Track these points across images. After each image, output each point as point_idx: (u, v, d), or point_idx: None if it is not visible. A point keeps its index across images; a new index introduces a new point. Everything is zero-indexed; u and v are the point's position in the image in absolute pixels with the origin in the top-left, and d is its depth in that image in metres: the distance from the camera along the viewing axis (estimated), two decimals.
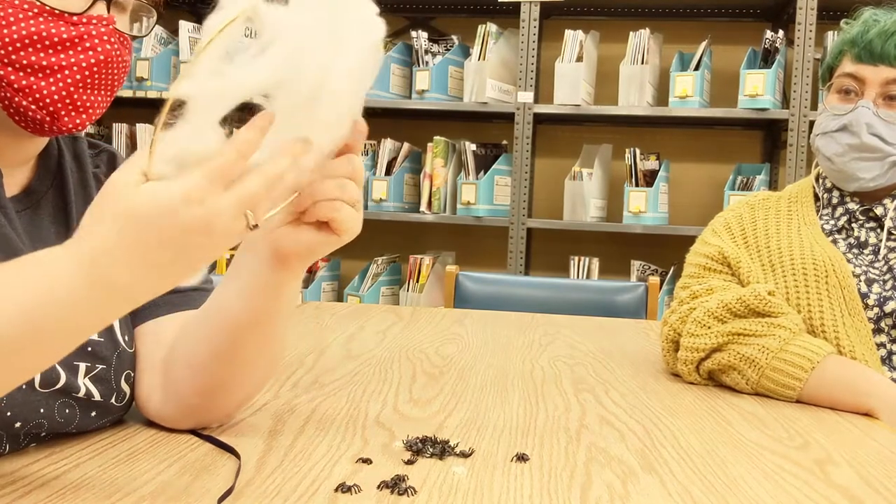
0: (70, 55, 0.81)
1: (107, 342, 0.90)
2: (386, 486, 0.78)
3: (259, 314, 0.88)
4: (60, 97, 0.81)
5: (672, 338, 1.39)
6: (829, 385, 1.24)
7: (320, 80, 0.69)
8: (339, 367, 1.36)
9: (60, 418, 0.86)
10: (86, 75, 0.82)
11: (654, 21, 3.55)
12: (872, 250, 1.39)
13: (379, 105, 3.48)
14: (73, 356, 0.86)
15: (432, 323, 1.94)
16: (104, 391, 0.89)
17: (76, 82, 0.82)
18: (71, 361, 0.86)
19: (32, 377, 0.82)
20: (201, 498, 0.74)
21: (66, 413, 0.86)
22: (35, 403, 0.83)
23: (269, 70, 0.67)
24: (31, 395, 0.82)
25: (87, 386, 0.87)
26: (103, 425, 0.92)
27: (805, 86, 3.17)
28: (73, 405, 0.87)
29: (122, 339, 0.92)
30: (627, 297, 2.42)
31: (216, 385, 0.92)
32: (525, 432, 1.01)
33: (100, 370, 0.89)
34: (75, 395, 0.86)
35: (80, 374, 0.87)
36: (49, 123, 0.82)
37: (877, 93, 1.36)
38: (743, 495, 0.82)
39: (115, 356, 0.90)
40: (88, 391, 0.87)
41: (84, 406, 0.88)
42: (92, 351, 0.88)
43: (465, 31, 3.59)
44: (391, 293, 3.66)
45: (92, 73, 0.83)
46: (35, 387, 0.83)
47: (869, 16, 1.39)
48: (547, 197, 3.67)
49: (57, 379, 0.84)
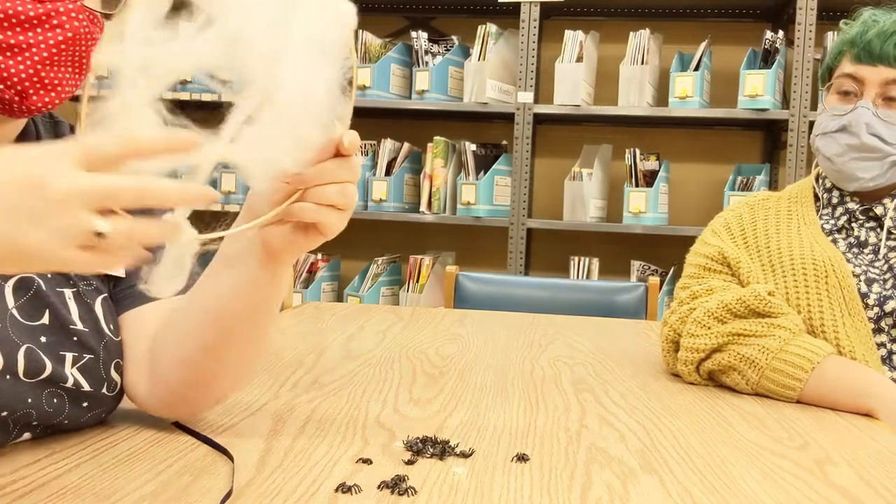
0: (38, 33, 0.80)
1: (92, 332, 0.90)
2: (386, 486, 0.78)
3: (250, 307, 0.88)
4: (28, 76, 0.80)
5: (672, 338, 1.39)
6: (829, 385, 1.24)
7: (269, 70, 0.66)
8: (339, 368, 1.36)
9: (49, 408, 0.85)
10: (53, 53, 0.81)
11: (654, 21, 3.55)
12: (872, 250, 1.39)
13: (379, 105, 3.48)
14: (60, 346, 0.86)
15: (432, 323, 1.94)
16: (93, 381, 0.89)
17: (43, 60, 0.80)
18: (57, 351, 0.86)
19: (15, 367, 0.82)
20: (201, 498, 0.74)
21: (54, 403, 0.86)
22: (22, 393, 0.83)
23: (207, 52, 0.64)
24: (17, 386, 0.82)
25: (74, 376, 0.87)
26: (97, 416, 0.92)
27: (805, 86, 3.17)
28: (61, 395, 0.86)
29: (107, 328, 0.92)
30: (627, 297, 2.42)
31: (204, 377, 0.92)
32: (525, 432, 1.01)
33: (87, 360, 0.88)
34: (63, 386, 0.86)
35: (68, 364, 0.87)
36: (18, 103, 0.81)
37: (876, 93, 1.36)
38: (743, 495, 0.83)
39: (102, 346, 0.90)
40: (77, 381, 0.87)
41: (73, 396, 0.88)
42: (78, 341, 0.88)
43: (465, 31, 3.60)
44: (391, 293, 3.66)
45: (60, 51, 0.81)
46: (20, 376, 0.83)
47: (868, 16, 1.39)
48: (547, 197, 3.67)
49: (42, 368, 0.84)
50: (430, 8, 3.74)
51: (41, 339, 0.86)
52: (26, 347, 0.84)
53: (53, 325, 0.87)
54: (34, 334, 0.85)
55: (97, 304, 0.92)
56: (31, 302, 0.86)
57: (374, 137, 3.65)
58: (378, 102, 3.48)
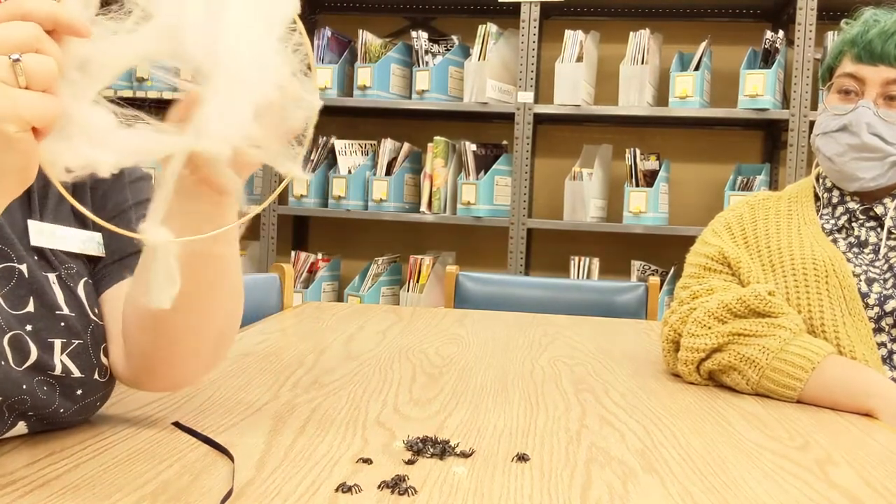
0: None
1: (79, 317, 0.89)
2: (386, 486, 0.78)
3: (205, 253, 0.83)
4: None
5: (672, 338, 1.39)
6: (830, 385, 1.24)
7: (211, 48, 0.66)
8: (339, 367, 1.36)
9: (42, 395, 0.85)
10: None
11: (654, 21, 3.56)
12: (873, 249, 1.39)
13: (379, 105, 3.49)
14: (48, 332, 0.85)
15: (432, 323, 1.94)
16: (84, 367, 0.88)
17: None
18: (45, 338, 0.85)
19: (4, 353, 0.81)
20: (201, 498, 0.74)
21: (45, 391, 0.85)
22: (16, 379, 0.83)
23: (147, 41, 0.65)
24: (10, 372, 0.82)
25: (64, 363, 0.86)
26: (93, 405, 0.91)
27: (805, 86, 3.17)
28: (51, 384, 0.86)
29: (92, 312, 0.91)
30: (627, 297, 2.42)
31: (172, 333, 0.89)
32: (525, 432, 1.01)
33: (76, 345, 0.88)
34: (52, 374, 0.85)
35: (57, 352, 0.86)
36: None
37: (877, 93, 1.36)
38: (743, 495, 0.82)
39: (89, 331, 0.89)
40: (66, 368, 0.86)
41: (65, 385, 0.87)
42: (66, 326, 0.87)
43: (465, 31, 3.60)
44: (391, 293, 3.66)
45: None
46: (10, 363, 0.82)
47: (869, 16, 1.39)
48: (547, 197, 3.67)
49: (27, 355, 0.83)
50: (430, 8, 3.74)
51: (27, 327, 0.85)
52: (12, 334, 0.83)
53: (39, 312, 0.86)
54: (20, 323, 0.84)
55: (79, 287, 0.91)
56: (14, 290, 0.85)
57: (374, 137, 3.65)
58: (378, 102, 3.48)
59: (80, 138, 0.64)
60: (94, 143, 0.64)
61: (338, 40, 3.61)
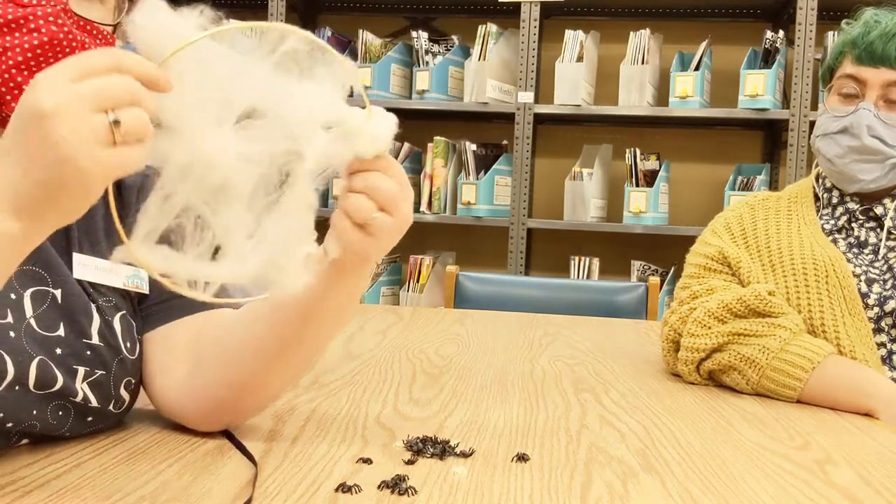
0: (15, 37, 0.79)
1: (107, 347, 0.88)
2: (386, 486, 0.78)
3: (311, 314, 0.86)
4: (3, 80, 0.79)
5: (672, 338, 1.39)
6: (830, 385, 1.24)
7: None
8: (339, 367, 1.36)
9: (53, 420, 0.85)
10: (28, 57, 0.79)
11: (655, 21, 3.55)
12: (872, 250, 1.39)
13: (379, 105, 3.48)
14: (73, 360, 0.85)
15: (432, 323, 1.94)
16: (102, 397, 0.88)
17: (18, 64, 0.79)
18: (70, 365, 0.85)
19: (27, 378, 0.81)
20: (201, 498, 0.74)
21: (59, 415, 0.85)
22: (28, 405, 0.82)
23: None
24: (26, 397, 0.82)
25: (84, 391, 0.86)
26: (97, 430, 0.91)
27: (805, 86, 3.17)
28: (67, 408, 0.85)
29: (124, 345, 0.90)
30: (627, 297, 2.42)
31: (255, 380, 0.90)
32: (525, 432, 1.01)
33: (99, 376, 0.87)
34: (72, 400, 0.85)
35: (79, 379, 0.85)
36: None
37: (878, 95, 1.36)
38: (743, 495, 0.83)
39: (116, 363, 0.89)
40: (86, 396, 0.86)
41: (80, 410, 0.86)
42: (92, 355, 0.87)
43: (465, 31, 3.59)
44: (391, 293, 3.66)
45: (35, 55, 0.80)
46: (30, 388, 0.82)
47: (870, 17, 1.38)
48: (547, 197, 3.67)
49: (53, 381, 0.83)
50: (430, 8, 3.74)
51: (56, 350, 0.84)
52: (39, 360, 0.82)
53: (69, 338, 0.85)
54: (49, 346, 0.84)
55: (116, 320, 0.90)
56: (47, 313, 0.85)
57: None
58: (378, 102, 3.47)
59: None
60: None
61: (338, 40, 3.61)
